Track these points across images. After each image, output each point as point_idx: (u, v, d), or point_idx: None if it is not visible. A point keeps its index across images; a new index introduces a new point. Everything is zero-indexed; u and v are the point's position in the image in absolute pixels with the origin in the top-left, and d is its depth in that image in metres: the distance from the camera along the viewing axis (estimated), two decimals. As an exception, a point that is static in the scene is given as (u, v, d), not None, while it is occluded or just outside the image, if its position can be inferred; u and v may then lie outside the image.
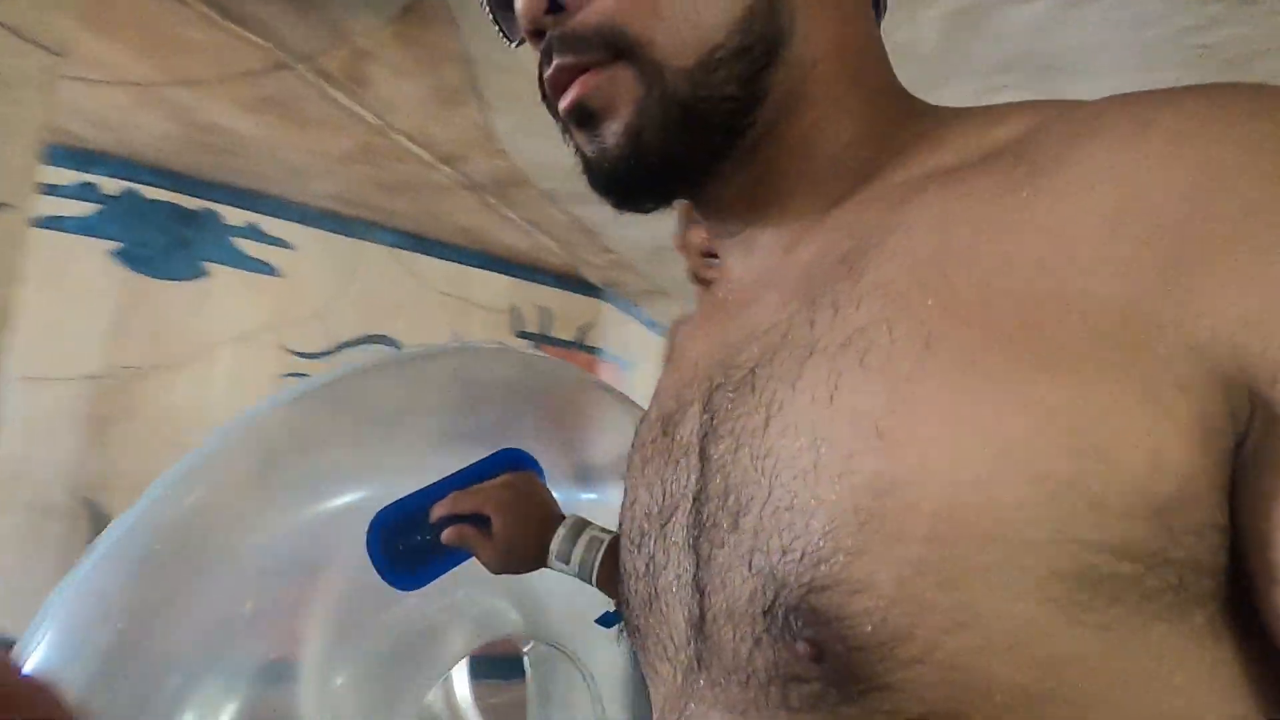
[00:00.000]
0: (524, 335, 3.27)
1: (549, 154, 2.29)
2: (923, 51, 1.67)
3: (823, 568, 0.28)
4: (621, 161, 0.37)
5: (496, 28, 0.45)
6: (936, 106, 0.39)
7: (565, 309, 3.38)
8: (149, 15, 1.73)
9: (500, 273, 3.22)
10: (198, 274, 2.56)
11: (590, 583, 0.76)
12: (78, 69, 1.93)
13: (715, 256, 1.75)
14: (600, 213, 2.72)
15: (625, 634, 0.43)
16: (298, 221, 2.76)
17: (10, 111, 1.21)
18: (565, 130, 0.40)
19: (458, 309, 3.12)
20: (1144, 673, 0.25)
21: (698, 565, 0.34)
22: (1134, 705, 0.25)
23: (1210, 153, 0.25)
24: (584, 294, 3.43)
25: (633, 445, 0.46)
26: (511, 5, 0.40)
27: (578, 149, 0.40)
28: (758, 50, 0.36)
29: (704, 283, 1.81)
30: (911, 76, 0.40)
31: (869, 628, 0.26)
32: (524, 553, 0.78)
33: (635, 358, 3.76)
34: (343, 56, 1.84)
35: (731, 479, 0.33)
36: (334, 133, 2.21)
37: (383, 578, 0.77)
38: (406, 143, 2.24)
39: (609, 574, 0.75)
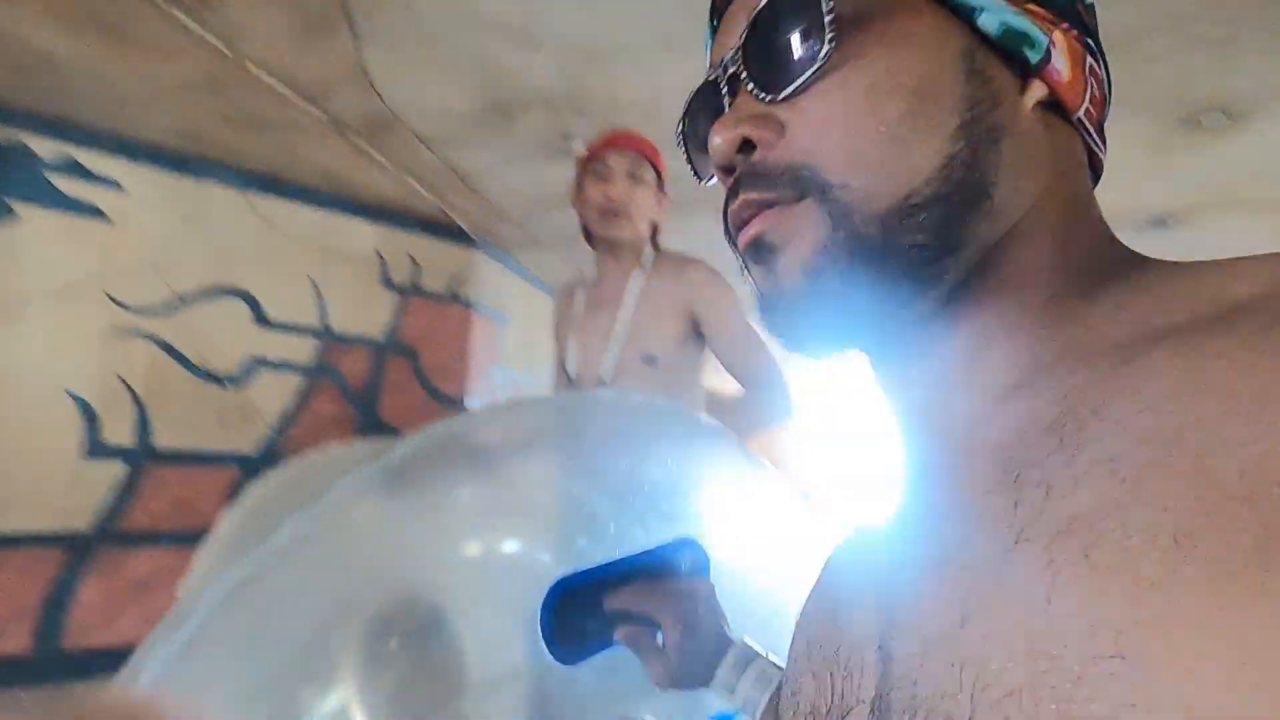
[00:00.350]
0: (391, 286, 3.05)
1: (426, 94, 2.10)
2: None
3: None
4: (797, 299, 0.36)
5: (690, 166, 0.45)
6: (1154, 259, 0.36)
7: (435, 258, 3.18)
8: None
9: (365, 219, 2.97)
10: (3, 216, 2.19)
11: (753, 716, 0.69)
12: None
13: (614, 215, 1.65)
14: (476, 158, 2.55)
15: None
16: (127, 158, 2.41)
17: None
18: (744, 267, 0.39)
19: (318, 258, 2.86)
20: None
21: None
22: None
23: None
24: (455, 243, 3.23)
25: (800, 616, 0.41)
26: (706, 146, 0.39)
27: (755, 285, 0.39)
28: (956, 200, 0.34)
29: (596, 242, 1.72)
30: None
31: None
32: (692, 673, 0.73)
33: (511, 312, 3.61)
34: (187, -29, 1.58)
35: (920, 690, 0.28)
36: (171, 58, 1.92)
37: (547, 648, 0.74)
38: (262, 74, 1.98)
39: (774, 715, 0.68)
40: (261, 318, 2.71)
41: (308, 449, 2.42)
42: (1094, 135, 0.40)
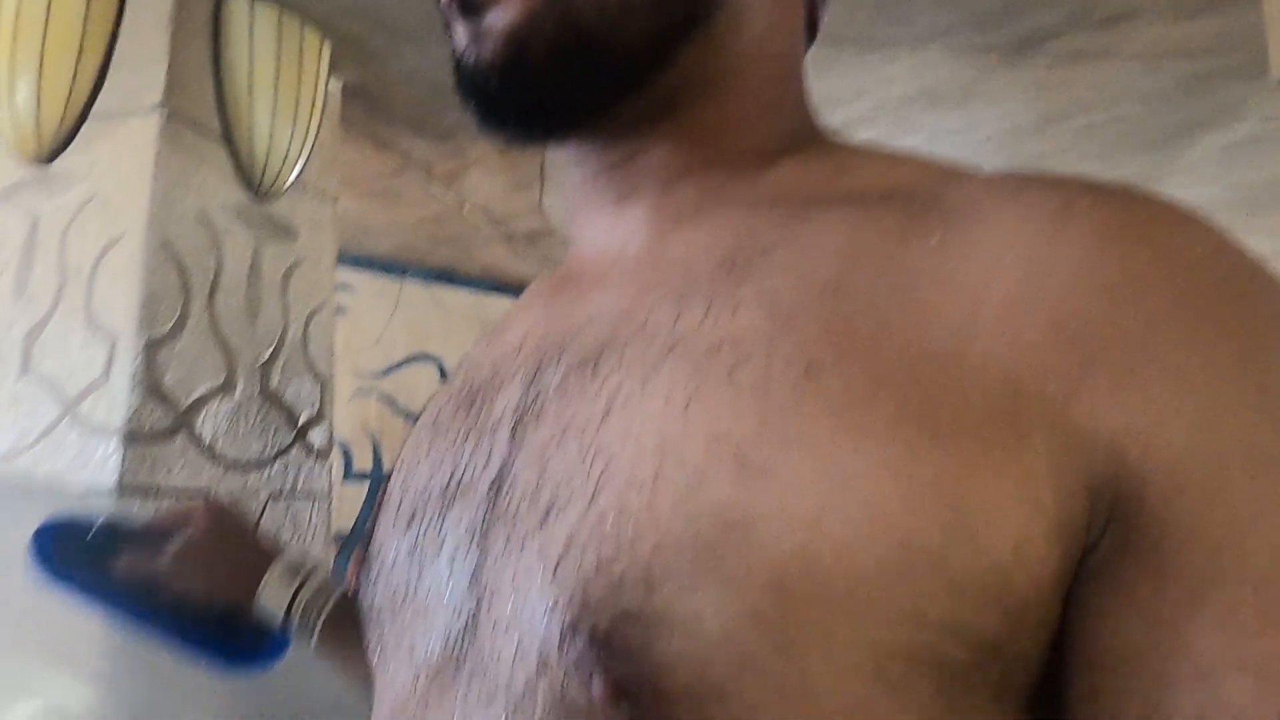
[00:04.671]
0: (529, 345, 4.02)
1: (580, 216, 3.05)
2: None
3: (640, 590, 0.24)
4: (495, 70, 0.32)
5: None
6: (838, 136, 0.38)
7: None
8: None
9: (511, 295, 3.97)
10: (290, 317, 3.19)
11: (309, 640, 0.56)
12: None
13: None
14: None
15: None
16: (358, 268, 3.42)
17: (315, 245, 1.90)
18: (446, 25, 0.35)
19: (477, 328, 3.85)
20: None
21: (481, 560, 0.30)
22: None
23: (1129, 257, 0.24)
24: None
25: (422, 418, 0.41)
26: None
27: (455, 44, 0.34)
28: (678, 11, 0.33)
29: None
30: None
31: (682, 676, 0.23)
32: (222, 588, 0.57)
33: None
34: (453, 164, 2.55)
35: (549, 471, 0.29)
36: (418, 208, 2.90)
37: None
38: (475, 214, 2.95)
39: (336, 636, 0.56)
40: (445, 374, 3.69)
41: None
42: None
